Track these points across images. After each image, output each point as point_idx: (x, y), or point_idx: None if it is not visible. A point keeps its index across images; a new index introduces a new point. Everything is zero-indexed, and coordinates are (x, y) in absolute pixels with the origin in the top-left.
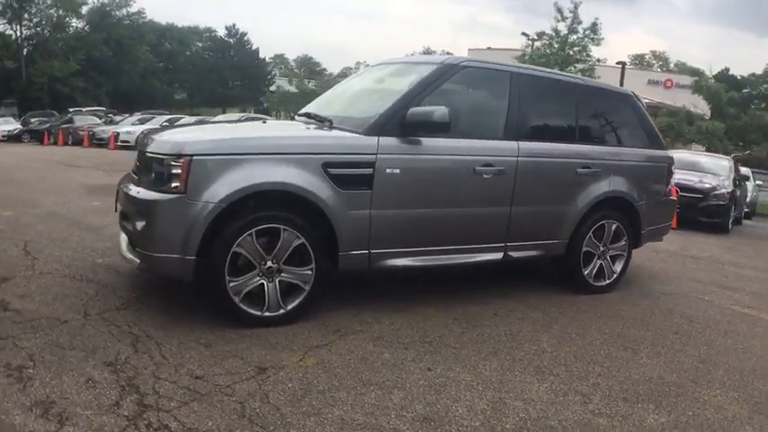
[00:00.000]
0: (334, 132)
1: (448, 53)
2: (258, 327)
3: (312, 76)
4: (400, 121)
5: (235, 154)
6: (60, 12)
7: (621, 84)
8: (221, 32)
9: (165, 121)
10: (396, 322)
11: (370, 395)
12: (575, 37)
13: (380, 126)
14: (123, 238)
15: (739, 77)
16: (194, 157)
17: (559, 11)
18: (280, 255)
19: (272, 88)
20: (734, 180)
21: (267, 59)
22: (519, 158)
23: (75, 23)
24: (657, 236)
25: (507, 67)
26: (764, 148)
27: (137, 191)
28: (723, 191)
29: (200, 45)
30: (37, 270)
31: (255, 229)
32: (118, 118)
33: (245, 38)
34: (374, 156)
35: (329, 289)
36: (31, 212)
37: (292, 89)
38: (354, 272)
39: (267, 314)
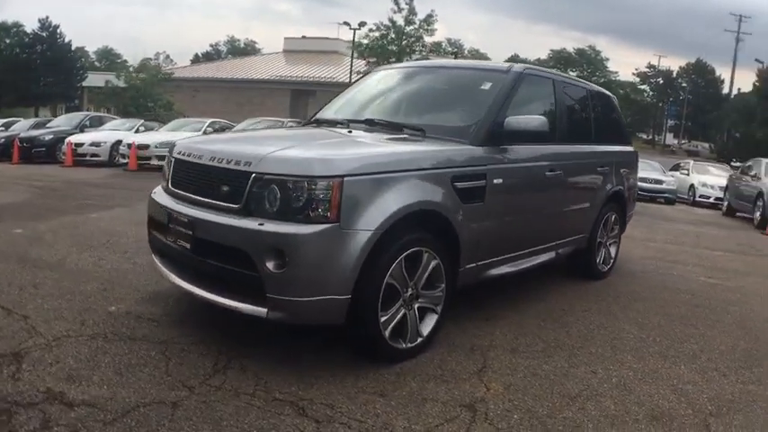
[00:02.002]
0: (453, 145)
1: (252, 41)
2: (400, 361)
3: (112, 68)
4: (497, 130)
5: (384, 172)
6: None
7: None
8: (32, 26)
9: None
10: (503, 331)
11: (577, 404)
12: (410, 28)
13: (482, 136)
14: (188, 285)
15: (527, 60)
16: (346, 178)
17: (396, 2)
18: (419, 280)
19: (97, 83)
20: None
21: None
22: (567, 162)
23: None
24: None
25: (550, 74)
26: None
27: (254, 223)
28: None
29: (8, 41)
30: (46, 335)
31: (404, 255)
32: None
33: (59, 30)
34: (485, 167)
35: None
36: None
37: (121, 83)
38: (460, 287)
39: (408, 345)
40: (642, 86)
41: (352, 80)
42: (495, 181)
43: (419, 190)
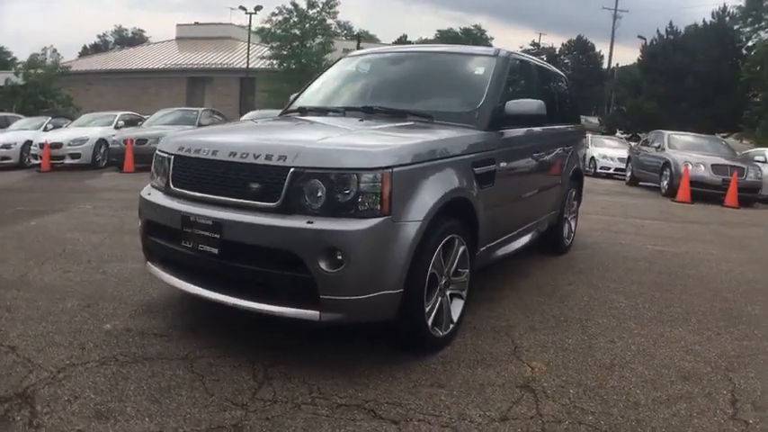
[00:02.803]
0: (465, 131)
1: (140, 30)
2: (439, 349)
3: (4, 67)
4: (499, 114)
5: (426, 161)
6: None
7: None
8: None
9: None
10: (511, 310)
11: (616, 373)
12: (313, 11)
13: (487, 120)
14: (212, 294)
15: (413, 43)
16: (394, 169)
17: None
18: (450, 267)
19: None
20: None
21: None
22: (547, 142)
23: None
24: None
25: (527, 57)
26: None
27: (300, 222)
28: None
29: None
30: (47, 367)
31: (442, 243)
32: None
33: None
34: (494, 151)
35: None
36: None
37: (20, 81)
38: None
39: (444, 333)
40: None
41: (249, 65)
42: (501, 165)
43: (454, 177)
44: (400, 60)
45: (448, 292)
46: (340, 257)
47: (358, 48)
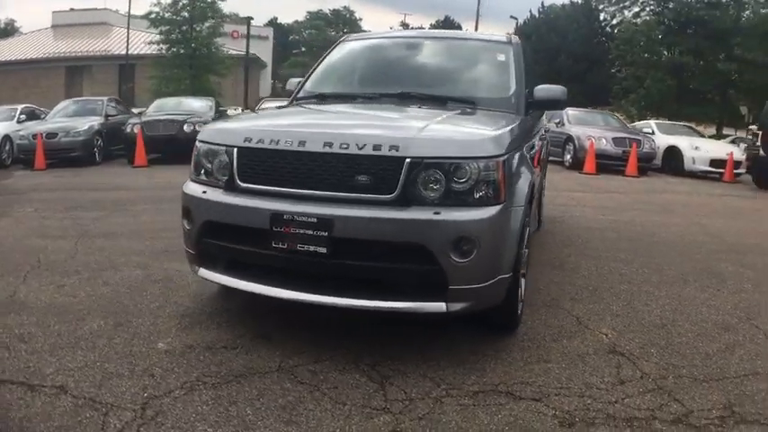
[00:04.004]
0: (509, 116)
1: (12, 20)
2: (515, 328)
3: None
4: (529, 99)
5: (520, 147)
6: None
7: None
8: None
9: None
10: (545, 284)
11: (675, 330)
12: None
13: (522, 105)
14: (314, 297)
15: (285, 25)
16: (506, 156)
17: None
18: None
19: None
20: None
21: None
22: (541, 125)
23: None
24: None
25: (515, 38)
26: None
27: (426, 213)
28: None
29: None
30: (124, 405)
31: (525, 223)
32: None
33: None
34: (535, 134)
35: None
36: None
37: None
38: None
39: (520, 311)
40: None
41: (130, 52)
42: (534, 147)
43: (529, 161)
44: (417, 46)
45: (521, 272)
46: (467, 247)
47: (248, 31)
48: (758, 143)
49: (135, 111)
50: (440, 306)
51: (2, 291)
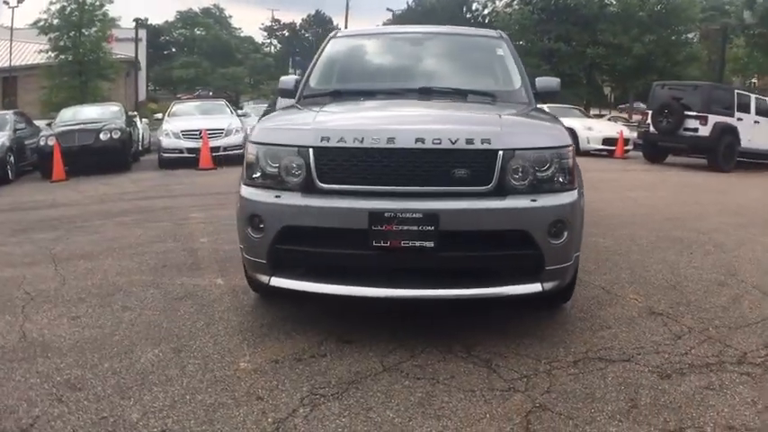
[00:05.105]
0: (524, 108)
1: None
2: (567, 301)
3: None
4: (534, 91)
5: None
6: None
7: None
8: None
9: None
10: None
11: (684, 290)
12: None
13: (532, 97)
14: (415, 291)
15: (156, 26)
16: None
17: None
18: None
19: None
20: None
21: None
22: None
23: None
24: None
25: (503, 33)
26: None
27: (524, 201)
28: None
29: None
30: None
31: None
32: None
33: None
34: None
35: None
36: None
37: None
38: None
39: None
40: (270, 40)
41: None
42: None
43: None
44: (420, 41)
45: None
46: (560, 229)
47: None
48: (648, 121)
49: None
50: (536, 287)
51: (6, 332)
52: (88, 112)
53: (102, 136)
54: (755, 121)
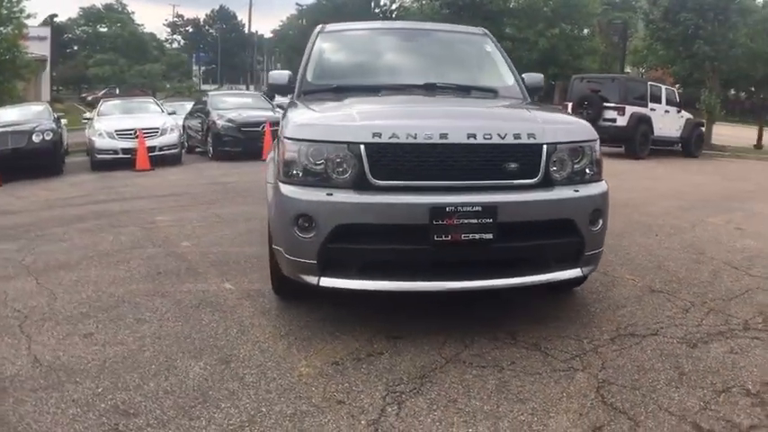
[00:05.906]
0: (523, 102)
1: None
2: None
3: None
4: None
5: None
6: None
7: None
8: None
9: None
10: None
11: (675, 266)
12: None
13: (525, 93)
14: (471, 282)
15: (59, 23)
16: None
17: None
18: None
19: None
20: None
21: None
22: None
23: None
24: None
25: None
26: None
27: (568, 191)
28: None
29: None
30: None
31: None
32: None
33: None
34: None
35: None
36: None
37: None
38: None
39: None
40: (174, 36)
41: None
42: None
43: None
44: (413, 37)
45: None
46: (597, 217)
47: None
48: (568, 113)
49: None
50: (576, 272)
51: (13, 356)
52: (14, 114)
53: (34, 138)
54: (666, 111)
